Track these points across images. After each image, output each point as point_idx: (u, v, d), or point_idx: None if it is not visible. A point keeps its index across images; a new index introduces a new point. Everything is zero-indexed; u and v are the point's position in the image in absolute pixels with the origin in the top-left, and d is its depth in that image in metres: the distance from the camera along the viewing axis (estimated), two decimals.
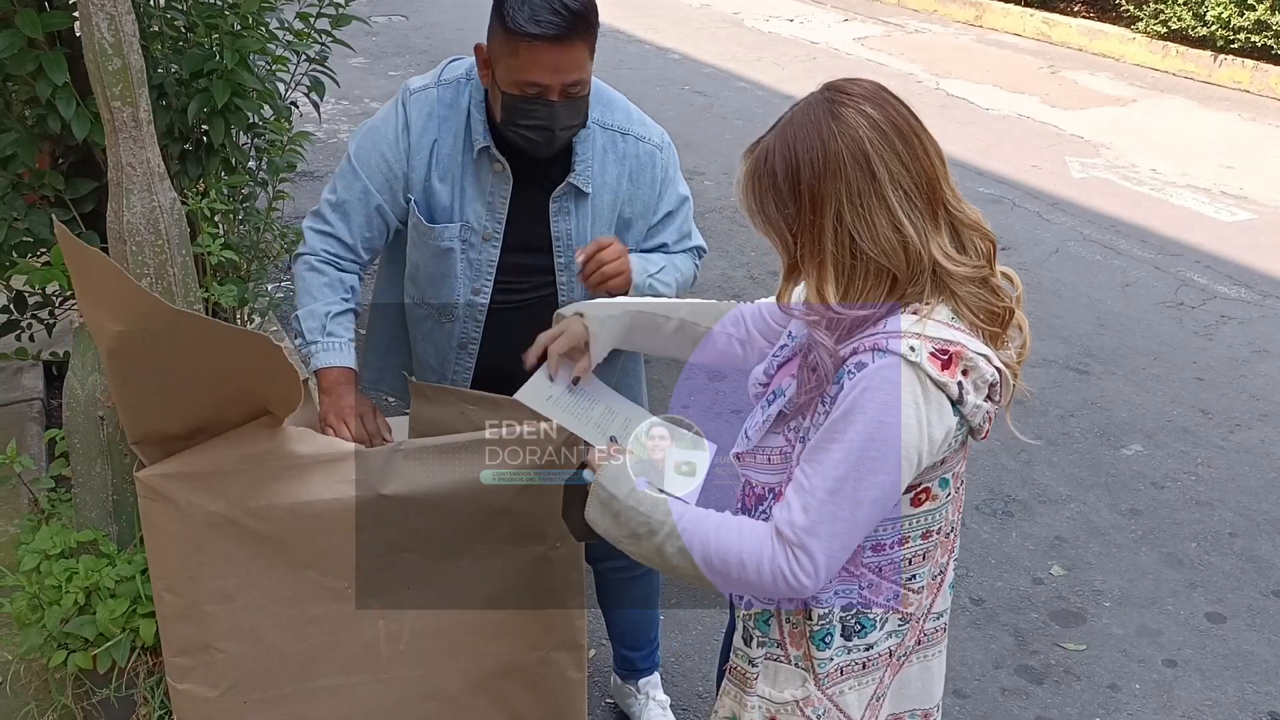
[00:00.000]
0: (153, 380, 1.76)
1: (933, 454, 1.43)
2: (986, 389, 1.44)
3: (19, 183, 3.00)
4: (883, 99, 1.44)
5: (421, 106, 2.10)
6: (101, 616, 2.12)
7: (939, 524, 1.57)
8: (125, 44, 1.87)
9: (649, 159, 2.17)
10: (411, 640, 2.09)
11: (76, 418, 2.14)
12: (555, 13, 1.87)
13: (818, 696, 1.58)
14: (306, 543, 1.94)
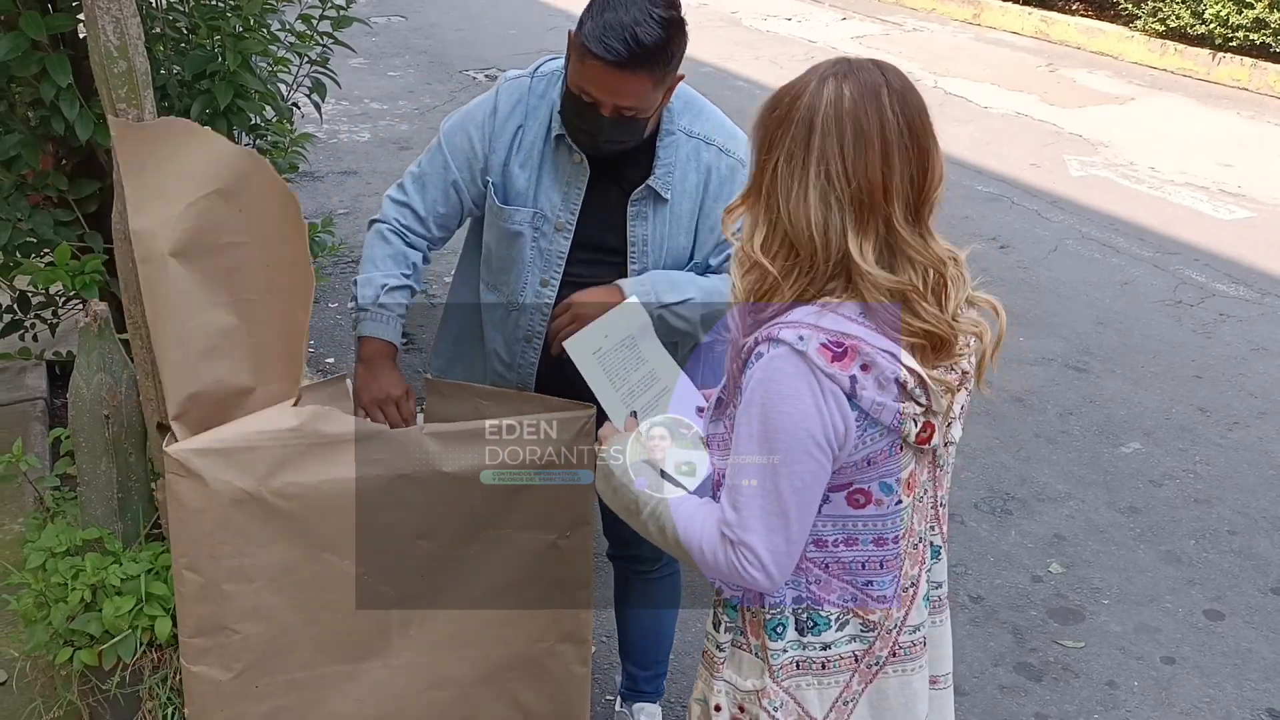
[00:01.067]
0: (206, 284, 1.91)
1: (843, 445, 1.44)
2: (897, 388, 1.43)
3: (22, 184, 3.02)
4: (878, 96, 1.43)
5: (512, 93, 2.11)
6: (107, 613, 2.14)
7: (894, 532, 1.55)
8: (130, 47, 1.89)
9: (730, 173, 2.12)
10: (420, 629, 2.12)
11: (82, 416, 2.16)
12: (624, 41, 1.85)
13: (773, 689, 1.59)
14: (327, 523, 1.97)
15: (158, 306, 1.93)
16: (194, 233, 1.93)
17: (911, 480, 1.55)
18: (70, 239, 2.98)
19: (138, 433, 2.20)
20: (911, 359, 1.45)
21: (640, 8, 1.86)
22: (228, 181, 1.95)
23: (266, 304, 1.99)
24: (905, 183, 1.43)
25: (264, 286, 1.98)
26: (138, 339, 2.06)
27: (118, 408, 2.16)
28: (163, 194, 1.90)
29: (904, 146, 1.43)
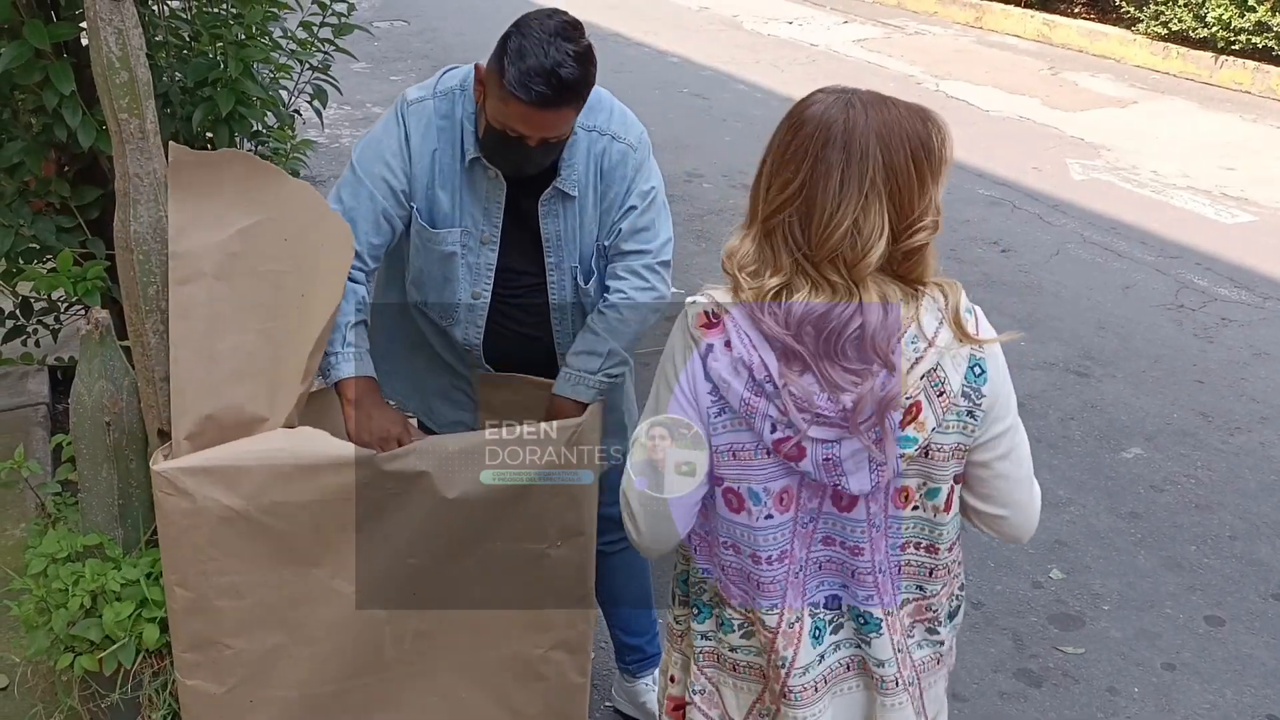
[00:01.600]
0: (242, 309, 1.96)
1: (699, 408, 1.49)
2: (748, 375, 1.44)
3: (25, 190, 3.03)
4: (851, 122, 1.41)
5: (420, 117, 2.15)
6: (108, 619, 2.15)
7: (768, 550, 1.54)
8: (132, 57, 1.89)
9: (621, 158, 2.20)
10: (414, 641, 2.12)
11: (83, 423, 2.16)
12: (548, 84, 1.93)
13: (696, 672, 1.64)
14: (317, 541, 1.98)
15: (189, 325, 1.94)
16: (238, 258, 1.96)
17: (785, 497, 1.52)
18: (72, 245, 2.99)
19: (139, 439, 2.21)
20: (772, 356, 1.44)
21: (556, 48, 1.94)
22: (278, 210, 1.98)
23: (294, 335, 1.99)
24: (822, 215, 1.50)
25: (296, 317, 2.00)
26: (139, 346, 2.07)
27: (119, 414, 2.17)
28: (211, 219, 1.94)
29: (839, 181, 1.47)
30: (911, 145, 1.42)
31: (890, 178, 1.41)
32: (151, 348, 2.03)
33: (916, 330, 1.46)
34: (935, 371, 1.46)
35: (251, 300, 1.98)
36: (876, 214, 1.41)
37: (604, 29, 9.82)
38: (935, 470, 1.52)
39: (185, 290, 1.94)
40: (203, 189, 1.95)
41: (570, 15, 2.03)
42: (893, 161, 1.41)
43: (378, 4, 10.19)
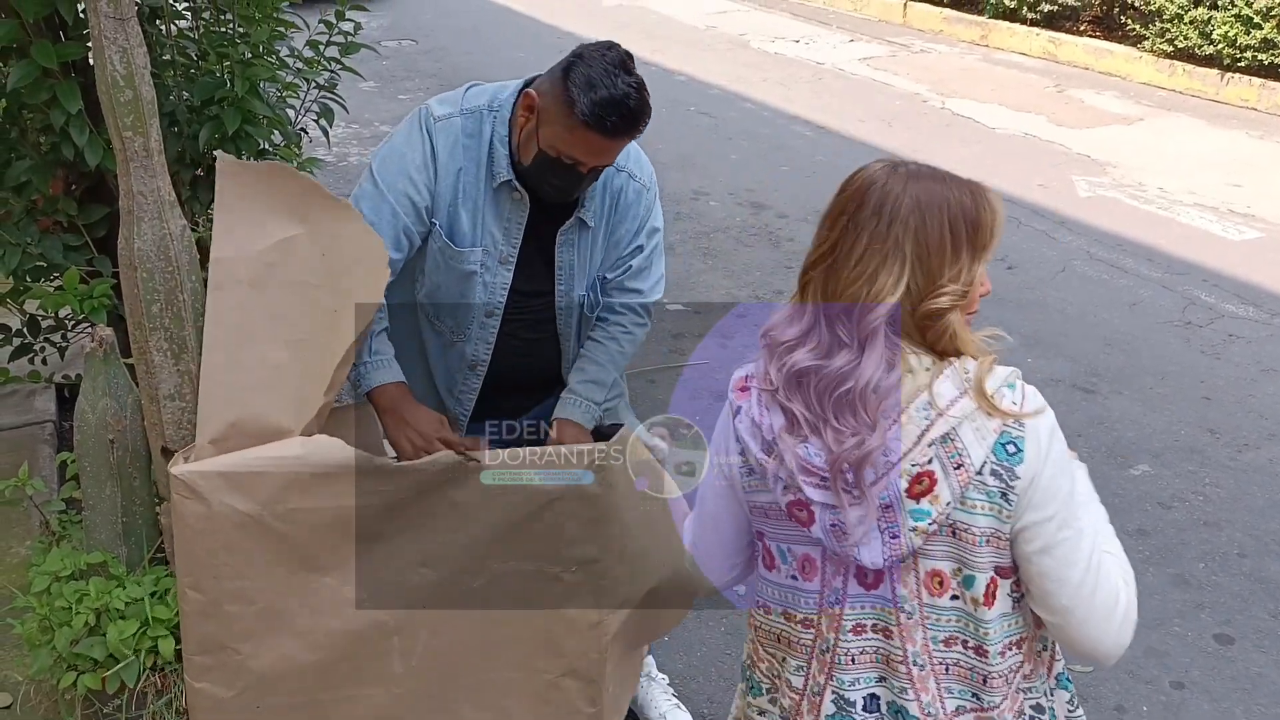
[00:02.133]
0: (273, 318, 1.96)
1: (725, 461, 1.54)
2: (761, 437, 1.46)
3: (33, 208, 3.05)
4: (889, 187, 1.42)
5: (447, 134, 2.14)
6: (111, 638, 2.15)
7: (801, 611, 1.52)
8: (137, 76, 1.91)
9: (636, 197, 2.26)
10: (422, 656, 2.12)
11: (87, 441, 2.17)
12: (621, 114, 1.98)
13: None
14: (326, 549, 1.98)
15: (220, 331, 1.95)
16: (274, 268, 1.97)
17: (808, 565, 1.50)
18: (79, 263, 3.01)
19: (142, 457, 2.22)
20: (779, 416, 1.44)
21: (622, 79, 1.99)
22: (318, 225, 1.99)
23: (321, 349, 2.00)
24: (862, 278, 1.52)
25: (325, 331, 2.00)
26: (142, 363, 2.08)
27: (122, 432, 2.17)
28: (251, 227, 1.95)
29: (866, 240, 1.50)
30: (951, 214, 1.41)
31: (919, 243, 1.39)
32: (155, 365, 2.04)
33: (928, 398, 1.40)
34: (951, 441, 1.39)
35: (284, 311, 1.99)
36: (895, 273, 1.39)
37: None
38: (969, 555, 1.42)
39: (220, 296, 1.95)
40: (246, 198, 1.97)
41: (622, 47, 2.07)
42: (925, 227, 1.40)
43: (386, 23, 10.27)
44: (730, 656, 3.04)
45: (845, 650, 1.50)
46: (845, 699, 1.51)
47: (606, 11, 11.44)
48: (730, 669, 3.00)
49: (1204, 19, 8.24)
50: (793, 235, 5.92)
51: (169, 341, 2.07)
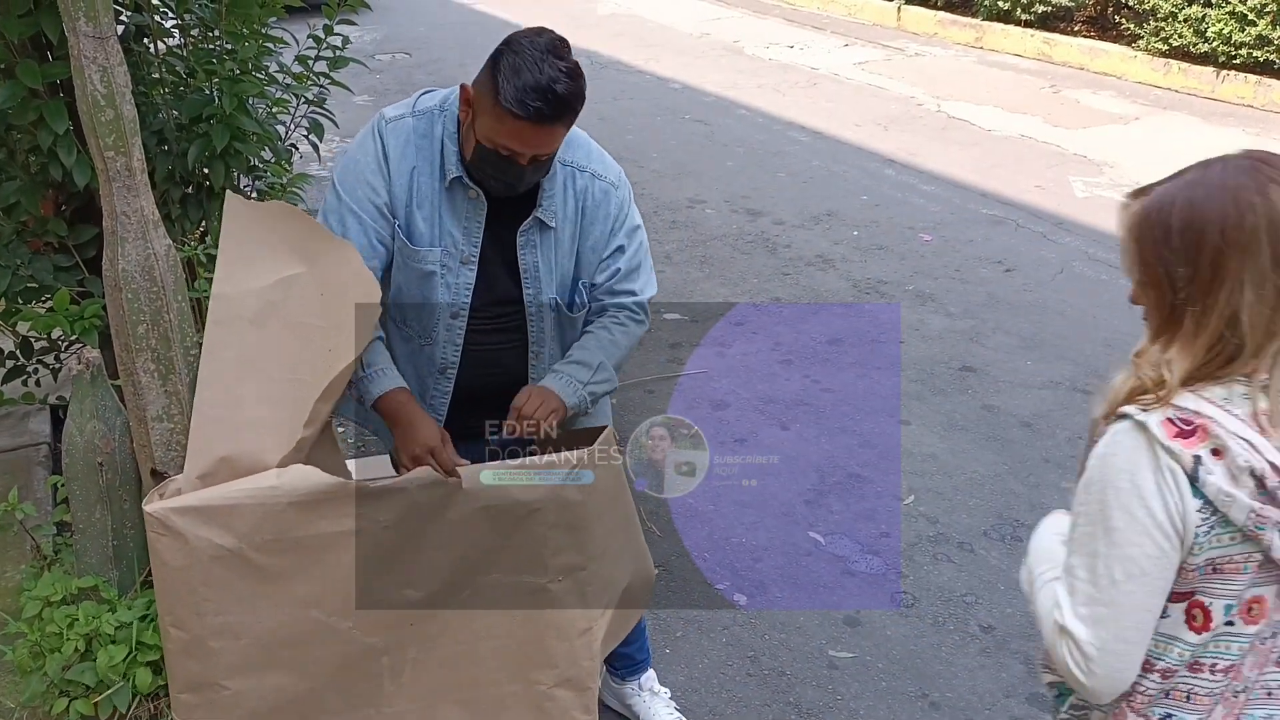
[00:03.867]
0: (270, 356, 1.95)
1: (1185, 535, 1.33)
2: (1252, 481, 1.30)
3: (23, 230, 3.03)
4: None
5: (398, 134, 2.15)
6: (101, 663, 2.13)
7: (1215, 659, 1.40)
8: (118, 95, 1.89)
9: (604, 196, 2.23)
10: (414, 674, 2.10)
11: (76, 464, 2.15)
12: (544, 99, 1.95)
13: None
14: (311, 579, 1.96)
15: (218, 366, 1.95)
16: (275, 305, 1.97)
17: (1257, 608, 1.38)
18: (70, 284, 2.99)
19: (132, 480, 2.20)
20: (1277, 453, 1.30)
21: (550, 64, 1.96)
22: (319, 265, 2.00)
23: (314, 386, 1.99)
24: None
25: (321, 369, 2.00)
26: (130, 385, 2.06)
27: (111, 455, 2.15)
28: (254, 264, 1.96)
29: None
30: None
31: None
32: (142, 386, 2.02)
33: None
34: None
35: (281, 350, 1.99)
36: None
37: (606, 56, 9.88)
38: None
39: (219, 331, 1.95)
40: (250, 237, 1.98)
41: (556, 32, 2.04)
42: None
43: (379, 37, 10.27)
44: (731, 668, 3.02)
45: (1265, 686, 1.42)
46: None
47: (600, 20, 11.45)
48: (732, 681, 2.97)
49: (1198, 17, 8.23)
50: (789, 241, 5.90)
51: (156, 362, 2.05)
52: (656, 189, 6.51)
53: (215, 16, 3.16)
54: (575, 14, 11.65)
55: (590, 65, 9.72)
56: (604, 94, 8.71)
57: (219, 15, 3.15)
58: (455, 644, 2.09)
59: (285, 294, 1.98)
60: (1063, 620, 1.36)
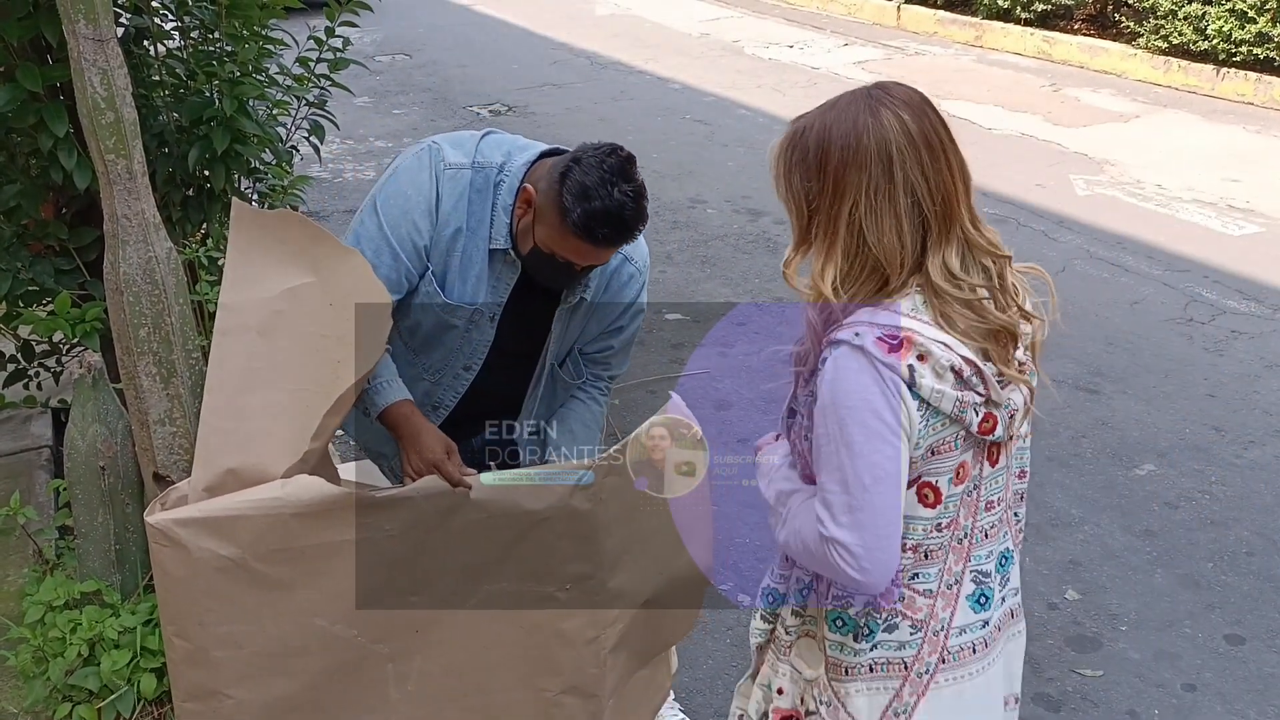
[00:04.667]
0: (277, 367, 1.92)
1: (911, 434, 1.49)
2: (954, 377, 1.48)
3: (24, 233, 3.03)
4: (922, 109, 1.51)
5: (455, 186, 2.10)
6: (105, 668, 2.12)
7: (943, 520, 1.59)
8: (118, 97, 1.88)
9: (629, 280, 2.25)
10: (419, 681, 2.09)
11: (78, 468, 2.15)
12: (613, 226, 1.94)
13: (824, 681, 1.64)
14: (315, 589, 1.94)
15: (224, 377, 1.93)
16: (282, 315, 1.95)
17: (961, 471, 1.57)
18: (71, 287, 2.98)
19: (134, 484, 2.19)
20: (965, 349, 1.49)
21: (619, 189, 1.93)
22: (327, 275, 1.97)
23: (321, 398, 1.97)
24: (964, 184, 1.52)
25: (328, 381, 1.98)
26: (131, 388, 2.05)
27: (113, 459, 2.15)
28: (261, 274, 1.93)
29: (955, 150, 1.52)
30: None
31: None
32: (144, 390, 2.01)
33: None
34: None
35: (290, 361, 1.96)
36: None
37: (606, 57, 9.87)
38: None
39: (226, 341, 1.93)
40: (258, 246, 1.95)
41: (625, 150, 2.01)
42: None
43: (379, 38, 10.27)
44: (736, 669, 3.01)
45: (980, 529, 1.63)
46: (981, 572, 1.65)
47: (599, 21, 11.44)
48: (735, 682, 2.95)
49: (1198, 15, 8.23)
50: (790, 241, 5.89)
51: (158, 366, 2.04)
52: (657, 189, 6.51)
53: (215, 18, 3.16)
54: (573, 14, 11.64)
55: (590, 66, 9.74)
56: (604, 95, 8.70)
57: (219, 17, 3.14)
58: (461, 651, 2.08)
59: (292, 304, 1.96)
60: (828, 532, 1.49)
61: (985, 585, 1.65)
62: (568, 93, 8.83)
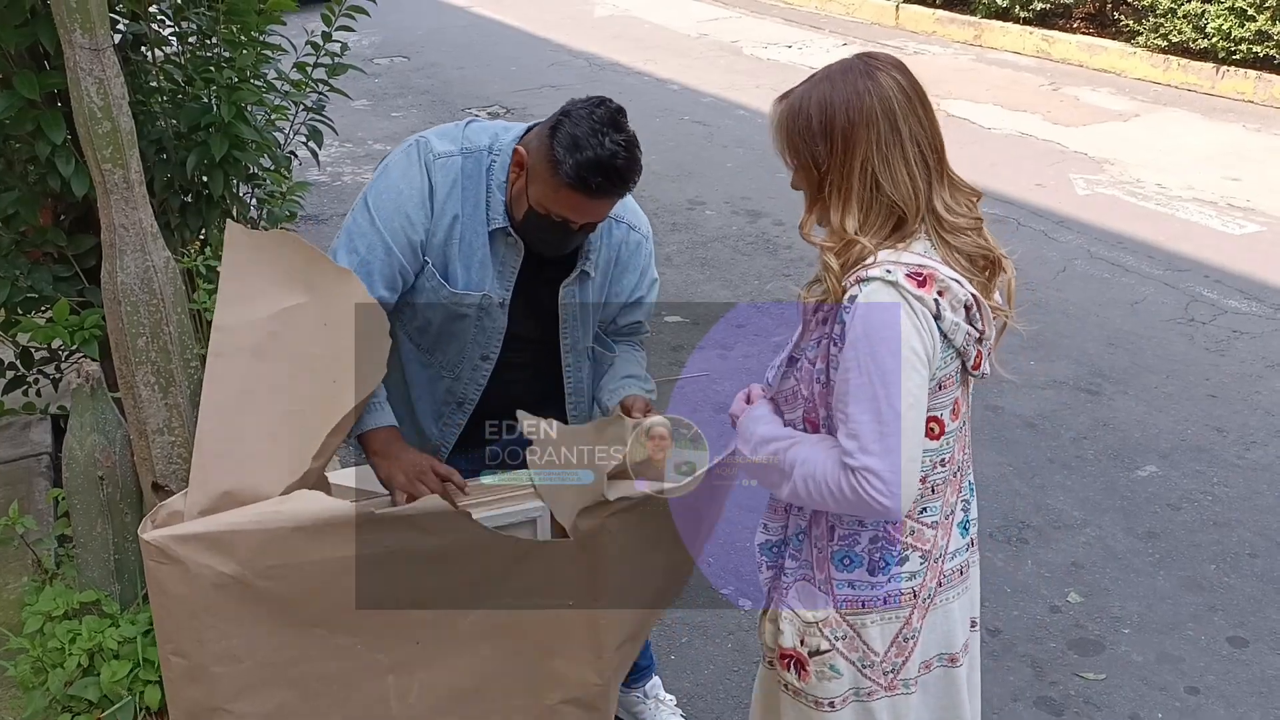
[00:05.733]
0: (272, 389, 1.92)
1: (930, 365, 1.62)
2: (964, 310, 1.63)
3: (22, 240, 3.02)
4: (905, 69, 1.68)
5: (447, 174, 2.09)
6: (105, 678, 2.12)
7: (944, 456, 1.73)
8: (114, 106, 1.87)
9: (636, 247, 2.25)
10: (420, 694, 2.08)
11: (76, 478, 2.14)
12: (604, 175, 1.93)
13: (835, 618, 1.74)
14: (315, 601, 1.93)
15: (219, 398, 1.91)
16: (277, 337, 1.93)
17: (957, 406, 1.71)
18: (69, 294, 2.98)
19: (133, 493, 2.18)
20: (970, 285, 1.64)
21: (610, 139, 1.94)
22: (321, 295, 1.96)
23: (319, 417, 1.96)
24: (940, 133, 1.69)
25: (326, 400, 1.97)
26: (130, 398, 2.04)
27: (112, 468, 2.14)
28: (255, 296, 1.92)
29: (930, 104, 1.68)
30: None
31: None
32: (143, 399, 2.01)
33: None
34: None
35: (285, 381, 1.95)
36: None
37: (604, 59, 9.86)
38: None
39: (220, 364, 1.91)
40: (252, 267, 1.94)
41: (614, 102, 2.01)
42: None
43: (377, 41, 10.25)
44: (738, 674, 3.00)
45: (966, 460, 1.81)
46: (965, 500, 1.83)
47: (597, 22, 11.43)
48: (738, 686, 2.96)
49: (1198, 13, 8.22)
50: (790, 243, 5.88)
51: (156, 375, 2.03)
52: (656, 191, 6.50)
53: (212, 24, 3.15)
54: (572, 16, 11.63)
55: (588, 68, 9.73)
56: None
57: (216, 23, 3.13)
58: (462, 663, 2.07)
59: (288, 325, 1.94)
60: (855, 461, 1.58)
61: (969, 511, 1.85)
62: (566, 94, 8.73)
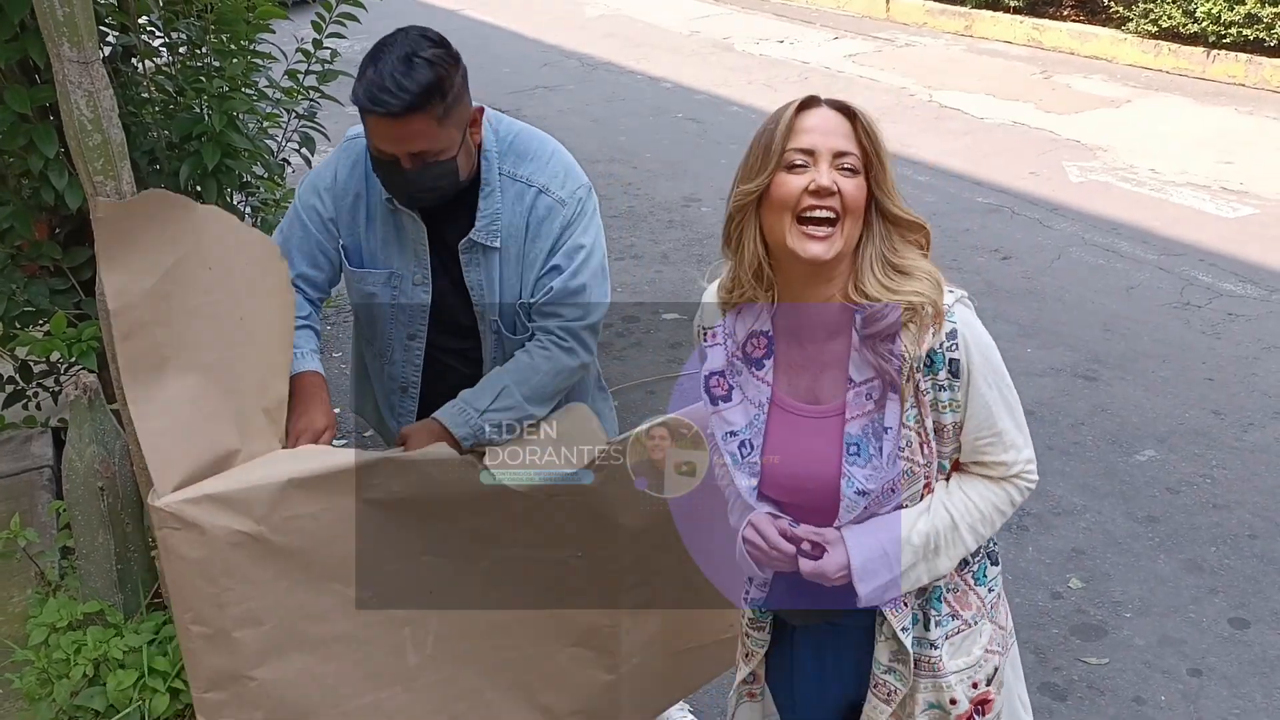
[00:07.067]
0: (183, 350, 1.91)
1: None
2: None
3: (18, 254, 3.03)
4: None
5: (350, 155, 2.16)
6: (111, 688, 2.13)
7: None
8: (104, 119, 1.88)
9: (548, 213, 2.11)
10: (436, 644, 2.10)
11: (76, 490, 2.15)
12: (390, 92, 1.89)
13: (989, 629, 1.77)
14: (329, 552, 1.96)
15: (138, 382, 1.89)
16: (170, 298, 1.91)
17: None
18: (66, 307, 2.98)
19: (133, 503, 2.19)
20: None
21: (400, 54, 1.91)
22: (195, 242, 1.95)
23: (244, 358, 1.98)
24: None
25: (241, 340, 1.98)
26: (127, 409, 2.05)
27: (112, 479, 2.15)
28: (138, 270, 1.89)
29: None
30: None
31: None
32: None
33: None
34: None
35: (192, 338, 1.94)
36: None
37: (597, 59, 9.87)
38: None
39: (129, 345, 1.88)
40: (125, 241, 1.89)
41: (419, 27, 1.97)
42: None
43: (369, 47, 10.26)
44: None
45: None
46: None
47: (589, 22, 11.44)
48: None
49: None
50: None
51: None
52: (651, 189, 6.50)
53: (202, 34, 3.16)
54: (563, 16, 11.64)
55: (581, 67, 9.74)
56: (596, 95, 8.70)
57: (205, 33, 3.14)
58: (476, 614, 2.09)
59: (175, 282, 1.92)
60: (1018, 467, 1.67)
61: None
62: (559, 95, 8.83)
